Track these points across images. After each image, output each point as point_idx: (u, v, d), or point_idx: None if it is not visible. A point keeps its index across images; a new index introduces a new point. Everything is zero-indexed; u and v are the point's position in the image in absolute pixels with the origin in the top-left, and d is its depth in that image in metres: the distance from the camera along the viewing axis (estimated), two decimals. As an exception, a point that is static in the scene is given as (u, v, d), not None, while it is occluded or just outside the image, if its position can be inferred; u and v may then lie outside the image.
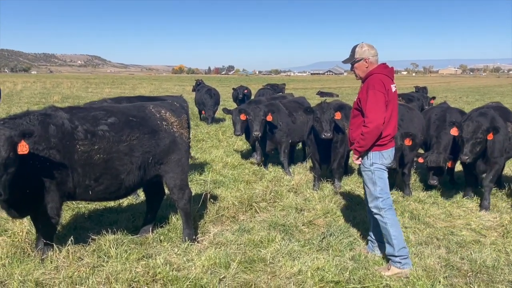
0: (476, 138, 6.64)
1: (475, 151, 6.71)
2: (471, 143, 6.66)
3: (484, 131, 6.65)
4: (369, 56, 4.78)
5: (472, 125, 6.69)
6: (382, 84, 4.62)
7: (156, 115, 5.15)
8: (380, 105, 4.58)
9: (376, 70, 4.77)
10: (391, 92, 4.72)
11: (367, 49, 4.79)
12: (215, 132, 14.63)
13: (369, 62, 4.79)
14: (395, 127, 4.83)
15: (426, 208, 6.99)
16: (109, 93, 33.20)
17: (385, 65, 4.87)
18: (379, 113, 4.57)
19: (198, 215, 6.23)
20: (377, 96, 4.58)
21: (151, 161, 5.00)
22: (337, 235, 5.74)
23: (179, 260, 4.88)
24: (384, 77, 4.71)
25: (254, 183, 8.29)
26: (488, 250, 5.35)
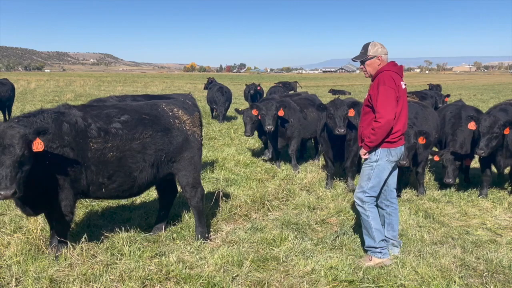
0: (492, 132, 6.71)
1: (491, 145, 6.78)
2: (487, 138, 6.75)
3: (501, 126, 6.72)
4: (382, 54, 4.85)
5: (489, 119, 6.78)
6: (392, 81, 4.67)
7: (169, 113, 5.15)
8: (391, 100, 4.62)
9: (385, 67, 4.82)
10: (401, 88, 4.76)
11: (380, 47, 4.86)
12: (227, 130, 14.64)
13: (382, 60, 4.85)
14: (405, 123, 4.88)
15: (441, 207, 6.91)
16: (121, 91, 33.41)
17: (394, 63, 4.92)
18: (390, 109, 4.60)
19: (210, 213, 6.24)
20: (388, 92, 4.62)
21: (164, 159, 5.00)
22: (351, 234, 5.72)
23: (192, 258, 4.87)
24: (394, 74, 4.76)
25: (266, 181, 8.27)
26: (505, 250, 5.28)
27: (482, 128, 6.78)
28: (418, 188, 7.73)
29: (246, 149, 11.45)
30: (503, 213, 6.74)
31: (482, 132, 6.78)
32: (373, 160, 4.86)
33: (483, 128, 6.77)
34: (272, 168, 9.41)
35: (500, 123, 6.75)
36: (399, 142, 4.85)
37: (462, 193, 7.58)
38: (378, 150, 4.82)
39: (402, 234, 5.67)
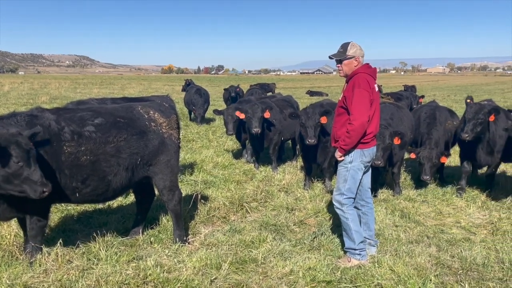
0: (478, 118, 7.03)
1: (476, 130, 7.07)
2: (472, 123, 7.05)
3: (486, 113, 7.04)
4: (360, 56, 4.90)
5: (476, 106, 7.16)
6: (367, 83, 4.74)
7: (145, 116, 5.09)
8: (365, 103, 4.69)
9: (360, 69, 4.88)
10: (374, 91, 4.84)
11: (359, 48, 4.91)
12: (205, 132, 14.59)
13: (359, 62, 4.91)
14: (377, 125, 4.98)
15: (416, 207, 7.02)
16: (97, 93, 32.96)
17: (369, 65, 4.98)
18: (365, 111, 4.67)
19: (188, 216, 6.20)
20: (363, 95, 4.68)
21: (140, 163, 4.95)
22: (328, 234, 5.76)
23: (170, 261, 4.83)
24: (369, 77, 4.83)
25: (245, 183, 8.27)
26: (478, 247, 5.38)
27: (468, 114, 7.11)
28: (394, 188, 7.84)
29: (224, 151, 11.42)
30: (477, 211, 6.88)
31: (468, 118, 7.10)
32: (348, 161, 4.93)
33: (469, 114, 7.10)
34: (251, 169, 9.42)
35: (486, 110, 7.06)
36: (372, 143, 4.94)
37: (437, 193, 7.71)
38: (352, 152, 4.89)
39: (379, 234, 5.74)
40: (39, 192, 4.08)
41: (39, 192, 4.08)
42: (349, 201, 4.99)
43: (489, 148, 7.41)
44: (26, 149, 4.02)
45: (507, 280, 4.60)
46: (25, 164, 4.04)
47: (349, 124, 4.73)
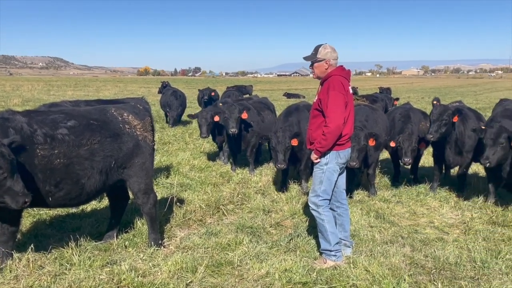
0: (442, 119, 7.26)
1: (440, 131, 7.30)
2: (437, 124, 7.27)
3: (450, 114, 7.28)
4: (331, 58, 4.93)
5: (440, 108, 7.37)
6: (342, 86, 4.78)
7: (118, 118, 5.03)
8: (340, 105, 4.73)
9: (335, 72, 4.92)
10: (349, 93, 4.89)
11: (330, 51, 4.92)
12: (182, 134, 14.49)
13: (329, 65, 4.94)
14: (352, 127, 5.04)
15: (391, 207, 7.10)
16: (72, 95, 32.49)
17: (343, 67, 5.03)
18: (340, 114, 4.71)
19: (164, 219, 6.15)
20: (338, 97, 4.72)
21: (114, 166, 4.88)
22: (305, 236, 5.78)
23: (144, 265, 4.78)
24: (343, 79, 4.88)
25: (221, 186, 8.25)
26: (451, 247, 5.48)
27: (433, 115, 7.35)
28: (369, 189, 7.92)
29: (201, 153, 11.37)
30: (450, 211, 7.00)
31: (433, 119, 7.33)
32: (323, 163, 4.95)
33: (434, 115, 7.34)
34: (228, 172, 9.40)
35: (450, 111, 7.31)
36: (347, 144, 4.98)
37: (411, 193, 7.82)
38: (328, 154, 4.91)
39: (354, 235, 5.78)
40: (21, 202, 4.03)
41: (21, 202, 4.03)
42: (325, 202, 5.02)
43: (457, 148, 7.63)
44: (9, 160, 3.96)
45: (479, 279, 4.68)
46: (8, 174, 3.97)
47: (325, 126, 4.75)
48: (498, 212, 6.73)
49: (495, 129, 6.57)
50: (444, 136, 7.47)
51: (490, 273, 4.81)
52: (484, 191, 7.62)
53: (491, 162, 6.56)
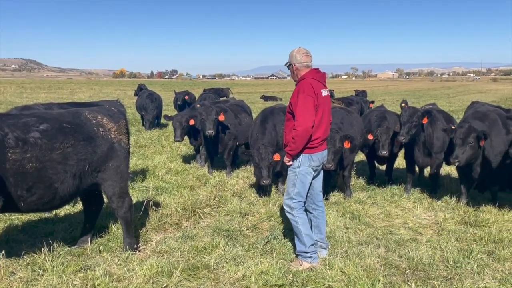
0: (412, 121, 7.45)
1: (411, 133, 7.50)
2: (407, 126, 7.46)
3: (419, 116, 7.48)
4: (296, 62, 5.02)
5: (410, 110, 7.57)
6: (311, 89, 4.81)
7: (92, 121, 4.96)
8: (309, 108, 4.77)
9: (307, 75, 4.98)
10: (321, 96, 4.90)
11: (296, 55, 5.02)
12: (158, 137, 14.38)
13: (295, 68, 5.04)
14: (325, 130, 5.03)
15: (366, 209, 7.18)
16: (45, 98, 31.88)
17: (317, 70, 5.07)
18: (308, 116, 4.75)
19: (139, 223, 6.09)
20: (306, 100, 4.77)
21: (88, 169, 4.81)
22: (281, 238, 5.80)
23: (119, 270, 4.73)
24: (315, 82, 4.91)
25: (198, 189, 8.21)
26: (424, 247, 5.57)
27: (403, 118, 7.54)
28: (345, 191, 7.99)
29: (177, 156, 11.30)
30: (424, 212, 7.12)
31: (403, 121, 7.52)
32: (296, 166, 5.00)
33: (404, 117, 7.53)
34: (204, 175, 9.37)
35: (419, 113, 7.52)
36: (320, 147, 5.00)
37: (386, 195, 7.93)
38: (300, 156, 4.96)
39: (330, 236, 5.83)
40: None
41: None
42: (299, 204, 5.05)
43: (426, 149, 7.83)
44: None
45: (451, 278, 4.77)
46: None
47: (294, 129, 4.80)
48: (470, 213, 6.87)
49: (464, 129, 6.74)
50: (415, 137, 7.66)
51: (462, 272, 4.90)
52: (457, 192, 7.78)
53: (460, 161, 6.74)
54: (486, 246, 5.62)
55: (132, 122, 17.44)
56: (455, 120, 8.83)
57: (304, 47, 5.10)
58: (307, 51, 5.05)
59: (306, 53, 5.02)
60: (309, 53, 5.07)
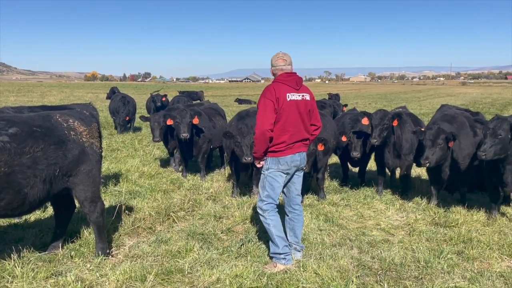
0: (383, 124, 7.59)
1: (383, 135, 7.64)
2: (379, 128, 7.59)
3: (390, 118, 7.65)
4: (272, 66, 5.17)
5: (380, 113, 7.72)
6: (272, 93, 4.87)
7: (63, 125, 4.87)
8: (267, 112, 4.83)
9: (277, 78, 5.07)
10: (285, 100, 4.89)
11: (273, 59, 5.14)
12: (131, 141, 14.22)
13: (272, 72, 5.19)
14: (292, 135, 4.98)
15: (340, 211, 7.26)
16: (14, 101, 31.18)
17: (288, 74, 5.07)
18: (266, 120, 4.81)
19: (112, 228, 6.01)
20: (265, 104, 4.85)
21: (58, 174, 4.72)
22: (255, 241, 5.81)
23: (91, 276, 4.66)
24: (280, 85, 4.95)
25: (172, 192, 8.17)
26: (396, 248, 5.66)
27: (374, 121, 7.65)
28: (319, 193, 8.07)
29: (151, 159, 11.20)
30: (395, 213, 7.24)
31: (375, 124, 7.63)
32: (265, 168, 5.08)
33: (375, 120, 7.64)
34: (178, 178, 9.31)
35: (389, 116, 7.68)
36: (287, 151, 4.98)
37: (358, 197, 8.03)
38: (268, 159, 5.03)
39: (304, 238, 5.87)
40: None
41: None
42: (270, 206, 5.08)
43: (396, 151, 8.00)
44: None
45: (422, 278, 4.87)
46: None
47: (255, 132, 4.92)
48: (440, 214, 7.02)
49: (433, 131, 6.91)
50: (385, 139, 7.81)
51: (433, 272, 5.00)
52: (427, 194, 7.95)
53: (430, 162, 6.90)
54: (456, 246, 5.75)
55: (105, 125, 17.21)
56: (423, 123, 9.04)
57: (284, 52, 5.16)
58: (284, 55, 5.11)
59: (282, 57, 5.08)
60: (286, 57, 5.10)
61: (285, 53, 5.16)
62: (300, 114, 5.02)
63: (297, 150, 5.08)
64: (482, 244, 5.78)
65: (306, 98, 5.10)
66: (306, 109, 5.10)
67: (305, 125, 5.11)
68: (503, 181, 6.51)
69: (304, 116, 5.07)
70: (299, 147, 5.10)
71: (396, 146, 7.94)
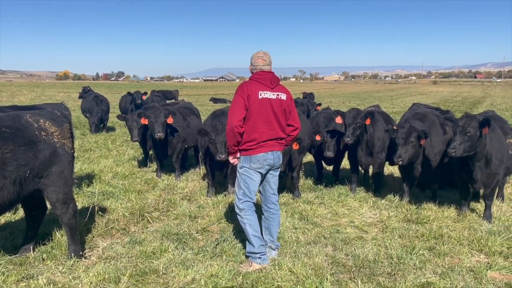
0: (356, 123, 7.67)
1: (356, 134, 7.72)
2: (352, 127, 7.67)
3: (362, 117, 7.71)
4: (251, 64, 5.22)
5: (353, 112, 7.80)
6: (243, 89, 4.97)
7: (34, 125, 4.77)
8: (237, 108, 4.92)
9: (252, 76, 5.14)
10: (257, 98, 4.93)
11: (252, 58, 5.18)
12: (104, 141, 14.02)
13: (251, 70, 5.22)
14: (262, 133, 5.00)
15: (314, 209, 7.31)
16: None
17: (264, 72, 5.12)
18: (235, 116, 4.89)
19: (85, 229, 5.93)
20: (236, 100, 4.95)
21: (29, 175, 4.62)
22: (231, 240, 5.80)
23: (64, 278, 4.59)
24: (253, 83, 5.02)
25: (146, 193, 8.10)
26: (370, 245, 5.75)
27: (348, 119, 7.73)
28: (294, 192, 8.12)
29: (125, 160, 11.06)
30: (369, 211, 7.34)
31: (348, 123, 7.71)
32: (239, 167, 5.14)
33: (349, 119, 7.72)
34: (153, 178, 9.24)
35: (362, 115, 7.76)
36: (259, 149, 5.01)
37: (333, 195, 8.10)
38: (241, 157, 5.09)
39: (279, 237, 5.89)
40: None
41: None
42: (247, 205, 5.10)
43: (368, 149, 8.12)
44: None
45: (395, 274, 4.95)
46: None
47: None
48: (412, 210, 7.15)
49: (405, 129, 7.04)
50: (359, 138, 7.90)
51: (405, 268, 5.09)
52: (400, 191, 8.08)
53: (403, 160, 7.03)
54: (428, 242, 5.87)
55: (77, 125, 16.93)
56: (394, 121, 9.20)
57: (264, 51, 5.19)
58: (264, 54, 5.15)
59: (261, 57, 5.12)
60: (266, 57, 5.14)
61: (265, 52, 5.19)
62: (274, 113, 5.04)
63: (270, 148, 5.08)
64: (452, 239, 5.92)
65: (282, 97, 5.11)
66: (281, 108, 5.11)
67: (280, 124, 5.12)
68: (473, 178, 6.67)
69: (278, 115, 5.08)
70: (272, 145, 5.10)
71: (368, 144, 8.05)
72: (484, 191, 6.89)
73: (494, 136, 6.57)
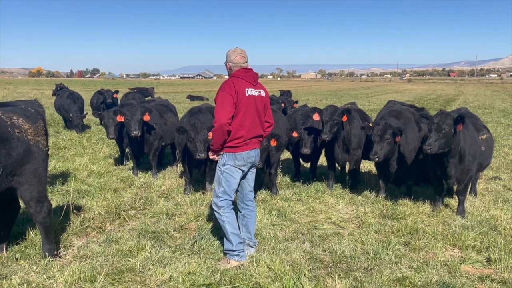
0: (333, 119, 7.69)
1: (333, 130, 7.76)
2: (329, 124, 7.70)
3: (339, 114, 7.75)
4: (229, 62, 5.13)
5: (330, 109, 7.81)
6: (231, 87, 4.89)
7: (7, 122, 4.66)
8: (226, 106, 4.84)
9: (234, 73, 5.06)
10: (244, 95, 4.94)
11: (231, 55, 5.11)
12: (79, 138, 13.80)
13: (229, 68, 5.15)
14: (249, 130, 5.03)
15: (292, 205, 7.35)
16: (-48, 98, 29.54)
17: (246, 70, 5.11)
18: (224, 113, 4.82)
19: (60, 228, 5.83)
20: (224, 98, 4.86)
21: (2, 173, 4.51)
22: (209, 238, 5.80)
23: (38, 278, 4.51)
24: (239, 80, 4.97)
25: (122, 191, 8.00)
26: (347, 241, 5.81)
27: (325, 116, 7.75)
28: (272, 189, 8.14)
29: (100, 158, 10.90)
30: (345, 207, 7.41)
31: (325, 120, 7.74)
32: (221, 164, 5.07)
33: (326, 116, 7.75)
34: (129, 176, 9.14)
35: (339, 112, 7.78)
36: (244, 147, 5.02)
37: (310, 191, 8.16)
38: (224, 155, 5.03)
39: (257, 234, 5.91)
40: None
41: None
42: (226, 203, 5.08)
43: (345, 146, 8.18)
44: None
45: (372, 269, 5.01)
46: None
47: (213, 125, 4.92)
48: (388, 206, 7.25)
49: (381, 126, 7.13)
50: (336, 135, 7.96)
51: (381, 263, 5.16)
52: (376, 187, 8.20)
53: (379, 157, 7.12)
54: (403, 237, 5.96)
55: (51, 123, 16.62)
56: (370, 118, 9.30)
57: (241, 48, 5.17)
58: (242, 51, 5.12)
59: (241, 54, 5.10)
60: (244, 54, 5.14)
61: (243, 49, 5.18)
62: (257, 110, 5.09)
63: (253, 146, 5.13)
64: (427, 234, 6.03)
65: (262, 94, 5.18)
66: (262, 105, 5.18)
67: (261, 121, 5.18)
68: (447, 174, 6.80)
69: (260, 112, 5.15)
70: (254, 143, 5.15)
71: (345, 141, 8.11)
72: (457, 187, 7.02)
73: (468, 133, 6.71)
